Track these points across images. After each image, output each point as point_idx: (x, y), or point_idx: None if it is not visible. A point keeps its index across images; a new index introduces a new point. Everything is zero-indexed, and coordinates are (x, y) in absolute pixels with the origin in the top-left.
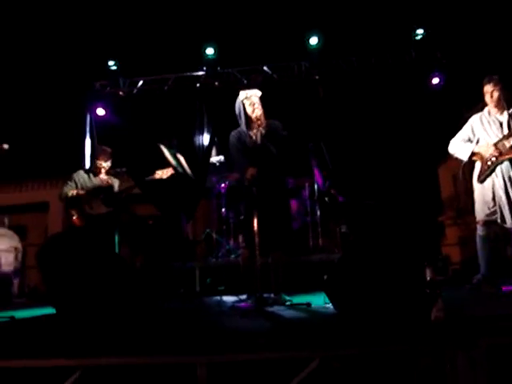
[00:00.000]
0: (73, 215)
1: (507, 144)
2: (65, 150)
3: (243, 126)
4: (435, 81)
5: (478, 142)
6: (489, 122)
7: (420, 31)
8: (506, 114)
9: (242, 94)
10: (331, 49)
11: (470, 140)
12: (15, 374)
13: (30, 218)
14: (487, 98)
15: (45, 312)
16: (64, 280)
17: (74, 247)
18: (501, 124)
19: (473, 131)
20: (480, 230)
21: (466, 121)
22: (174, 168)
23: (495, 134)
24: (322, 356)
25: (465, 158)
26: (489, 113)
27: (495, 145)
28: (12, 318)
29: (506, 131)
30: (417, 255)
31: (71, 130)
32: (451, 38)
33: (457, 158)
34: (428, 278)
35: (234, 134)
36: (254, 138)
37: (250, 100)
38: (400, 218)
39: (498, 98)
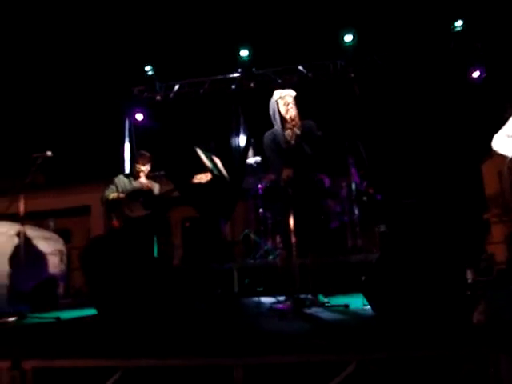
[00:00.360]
0: (113, 218)
1: None
2: (105, 155)
3: (278, 127)
4: (476, 74)
5: None
6: None
7: (459, 23)
8: None
9: (276, 94)
10: (366, 45)
11: None
12: (59, 374)
13: (74, 222)
14: None
15: (88, 313)
16: (104, 281)
17: (114, 249)
18: None
19: None
20: None
21: (509, 115)
22: (210, 170)
23: None
24: (360, 359)
25: (510, 154)
26: None
27: None
28: (58, 318)
29: None
30: (458, 256)
31: (111, 135)
32: (492, 29)
33: (501, 154)
34: (469, 280)
35: (267, 134)
36: (288, 138)
37: (284, 100)
38: (441, 217)
39: None
